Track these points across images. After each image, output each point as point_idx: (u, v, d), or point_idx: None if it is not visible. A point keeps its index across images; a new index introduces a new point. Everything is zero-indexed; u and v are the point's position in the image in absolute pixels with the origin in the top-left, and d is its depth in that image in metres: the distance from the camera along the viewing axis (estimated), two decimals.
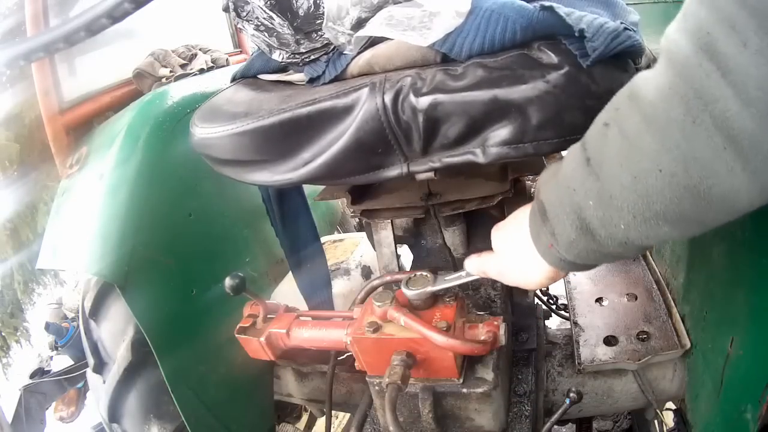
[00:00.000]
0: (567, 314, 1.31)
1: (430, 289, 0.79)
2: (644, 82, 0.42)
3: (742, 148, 0.35)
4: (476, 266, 0.71)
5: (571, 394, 0.85)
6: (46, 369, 3.67)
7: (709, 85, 0.36)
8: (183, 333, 1.11)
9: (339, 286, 1.43)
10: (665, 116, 0.39)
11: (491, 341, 0.77)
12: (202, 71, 1.54)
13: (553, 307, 1.61)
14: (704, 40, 0.36)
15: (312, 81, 0.78)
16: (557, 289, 1.54)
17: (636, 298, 1.18)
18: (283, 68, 0.85)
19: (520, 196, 0.99)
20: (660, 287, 1.18)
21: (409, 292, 0.79)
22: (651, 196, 0.41)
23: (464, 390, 0.80)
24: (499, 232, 0.66)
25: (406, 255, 1.22)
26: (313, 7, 0.73)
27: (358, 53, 0.75)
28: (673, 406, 1.16)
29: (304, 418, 1.67)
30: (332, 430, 1.14)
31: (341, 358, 1.13)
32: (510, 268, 0.64)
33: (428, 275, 0.80)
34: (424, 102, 0.63)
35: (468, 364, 0.82)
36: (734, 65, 0.34)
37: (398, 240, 1.07)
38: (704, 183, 0.38)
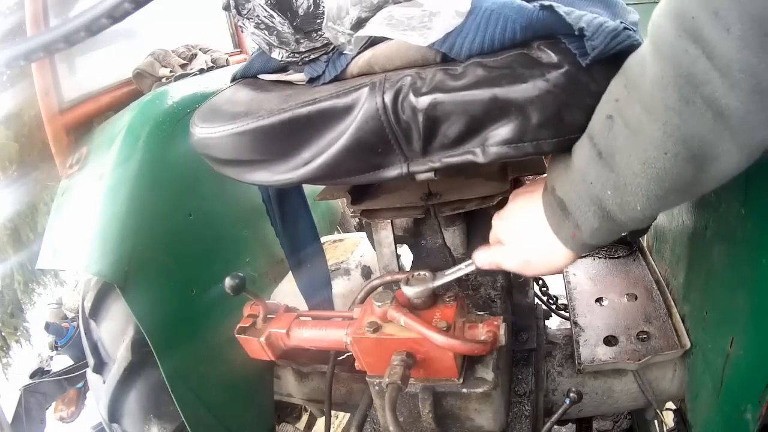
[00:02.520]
0: (567, 314, 1.31)
1: (431, 285, 0.79)
2: (637, 68, 0.47)
3: (730, 123, 0.40)
4: (488, 259, 0.71)
5: (571, 394, 0.85)
6: (46, 369, 3.67)
7: (697, 70, 0.40)
8: (183, 333, 1.11)
9: (339, 286, 1.43)
10: (662, 105, 0.43)
11: (491, 341, 0.77)
12: (202, 71, 1.54)
13: (553, 307, 1.61)
14: (688, 24, 0.39)
15: (312, 81, 0.78)
16: (557, 289, 1.54)
17: (636, 298, 1.18)
18: (283, 68, 0.85)
19: None
20: (660, 287, 1.18)
21: (410, 290, 0.79)
22: (661, 176, 0.46)
23: (464, 390, 0.80)
24: (506, 223, 0.67)
25: (406, 255, 1.22)
26: (312, 6, 0.73)
27: (358, 53, 0.74)
28: (673, 406, 1.16)
29: (304, 418, 1.67)
30: (332, 430, 1.14)
31: (341, 358, 1.13)
32: (532, 259, 0.65)
33: (428, 275, 0.80)
34: (424, 102, 0.62)
35: (468, 364, 0.82)
36: (719, 50, 0.38)
37: (398, 240, 1.07)
38: (702, 153, 0.43)
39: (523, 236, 0.65)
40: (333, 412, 1.31)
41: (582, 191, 0.54)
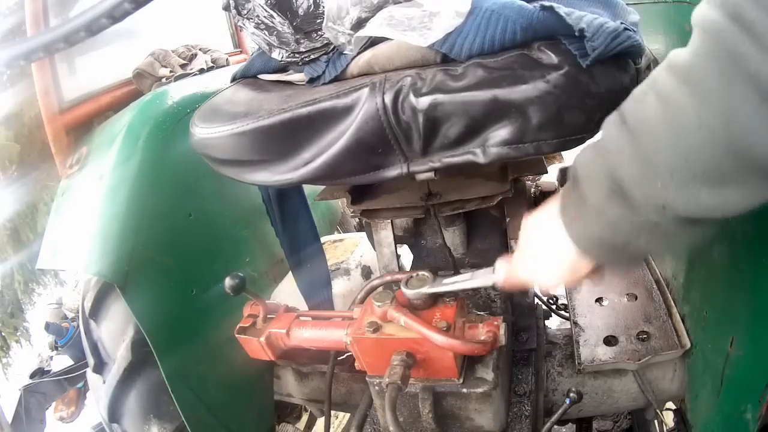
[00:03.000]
0: (567, 314, 1.31)
1: (430, 290, 0.79)
2: (679, 51, 0.43)
3: None
4: (505, 269, 0.69)
5: (571, 394, 0.85)
6: (46, 369, 3.67)
7: (740, 46, 0.37)
8: (183, 333, 1.11)
9: (339, 286, 1.43)
10: (701, 73, 0.40)
11: (491, 341, 0.77)
12: (202, 71, 1.54)
13: (553, 307, 1.61)
14: (732, 9, 0.38)
15: (312, 81, 0.78)
16: (557, 289, 1.54)
17: (636, 298, 1.18)
18: (283, 68, 0.85)
19: (520, 196, 0.99)
20: (660, 287, 1.18)
21: (408, 292, 0.79)
22: (690, 153, 0.41)
23: (464, 390, 0.80)
24: (524, 229, 0.63)
25: (406, 255, 1.22)
26: (312, 6, 0.73)
27: (358, 53, 0.75)
28: (673, 406, 1.16)
29: (304, 418, 1.67)
30: (332, 430, 1.14)
31: (341, 358, 1.13)
32: (538, 264, 0.60)
33: (427, 275, 0.80)
34: (424, 102, 0.63)
35: (468, 364, 0.82)
36: (762, 30, 0.36)
37: (398, 240, 1.07)
38: (745, 140, 0.38)
39: (533, 237, 0.60)
40: (333, 412, 1.31)
41: (596, 158, 0.49)
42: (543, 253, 0.58)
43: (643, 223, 0.46)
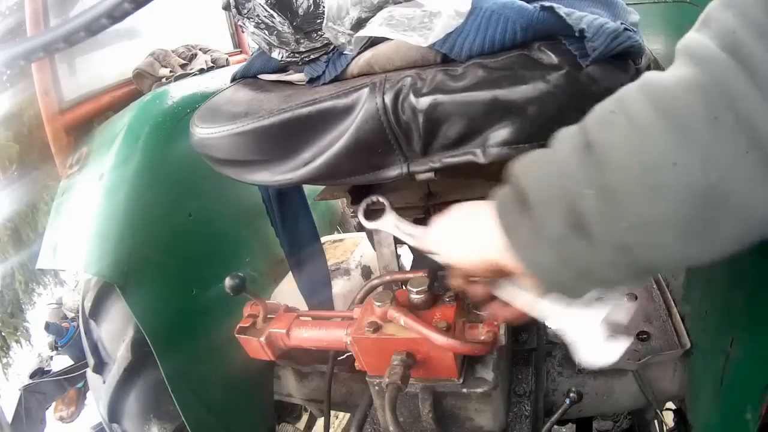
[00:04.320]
0: None
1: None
2: (658, 75, 0.39)
3: (767, 153, 0.33)
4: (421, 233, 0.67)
5: (571, 394, 0.85)
6: (46, 369, 3.68)
7: (735, 82, 0.34)
8: (183, 333, 1.11)
9: (339, 286, 1.43)
10: (684, 108, 0.36)
11: (491, 341, 0.77)
12: (202, 71, 1.54)
13: None
14: (730, 40, 0.35)
15: (312, 81, 0.78)
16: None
17: (636, 298, 1.18)
18: (283, 68, 0.85)
19: None
20: (660, 287, 1.18)
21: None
22: (661, 192, 0.37)
23: (464, 390, 0.80)
24: (440, 233, 0.61)
25: (406, 255, 1.22)
26: (312, 6, 0.73)
27: (358, 53, 0.75)
28: (673, 406, 1.16)
29: (304, 418, 1.67)
30: (332, 430, 1.14)
31: (341, 358, 1.13)
32: (457, 245, 0.57)
33: (427, 276, 0.80)
34: (424, 102, 0.63)
35: (468, 364, 0.82)
36: (761, 67, 0.33)
37: (398, 240, 1.07)
38: (721, 187, 0.35)
39: (461, 244, 0.56)
40: (333, 412, 1.31)
41: (554, 184, 0.43)
42: (467, 242, 0.55)
43: (598, 262, 0.42)
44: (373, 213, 0.79)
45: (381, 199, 0.79)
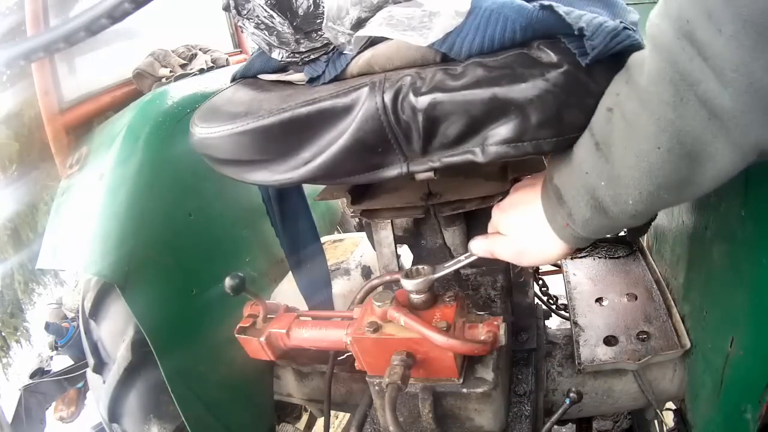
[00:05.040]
0: (567, 314, 1.31)
1: (431, 277, 0.79)
2: (638, 67, 0.47)
3: (724, 122, 0.41)
4: (484, 247, 0.73)
5: (571, 394, 0.85)
6: (46, 369, 3.68)
7: (692, 68, 0.41)
8: (183, 333, 1.11)
9: (339, 286, 1.43)
10: (657, 99, 0.44)
11: (491, 341, 0.77)
12: (202, 71, 1.54)
13: (553, 307, 1.61)
14: (684, 27, 0.40)
15: (312, 81, 0.78)
16: (557, 289, 1.54)
17: (636, 298, 1.18)
18: (283, 68, 0.85)
19: None
20: (660, 287, 1.18)
21: (409, 284, 0.79)
22: (653, 171, 0.47)
23: (464, 390, 0.80)
24: (506, 215, 0.69)
25: (406, 255, 1.22)
26: (312, 6, 0.73)
27: (358, 53, 0.74)
28: (673, 406, 1.16)
29: (304, 418, 1.67)
30: (332, 430, 1.14)
31: (341, 358, 1.13)
32: (526, 250, 0.66)
33: (427, 268, 0.80)
34: (423, 101, 0.62)
35: (468, 364, 0.82)
36: (712, 50, 0.39)
37: (398, 240, 1.07)
38: (695, 150, 0.44)
39: (520, 226, 0.66)
40: (333, 412, 1.31)
41: (577, 180, 0.55)
42: (528, 242, 0.66)
43: (619, 226, 0.56)
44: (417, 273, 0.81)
45: (424, 267, 0.81)
